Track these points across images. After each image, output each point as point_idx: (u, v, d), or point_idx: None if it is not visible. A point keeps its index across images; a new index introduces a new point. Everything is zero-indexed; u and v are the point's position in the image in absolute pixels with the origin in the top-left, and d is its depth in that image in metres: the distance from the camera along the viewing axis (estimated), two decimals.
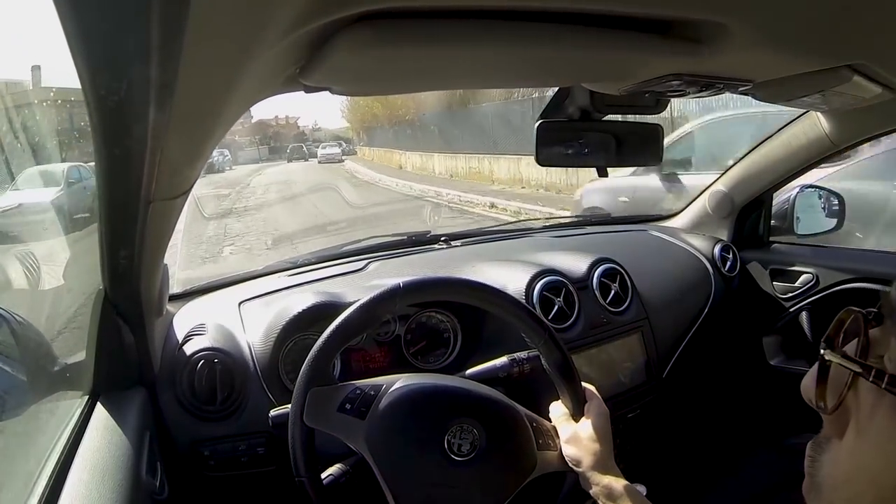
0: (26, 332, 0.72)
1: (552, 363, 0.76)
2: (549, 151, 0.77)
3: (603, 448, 0.72)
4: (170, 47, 0.30)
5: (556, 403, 0.79)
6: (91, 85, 0.33)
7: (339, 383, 0.69)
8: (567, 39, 0.44)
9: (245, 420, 0.86)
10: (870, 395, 0.28)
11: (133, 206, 0.53)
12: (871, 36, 0.51)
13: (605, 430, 0.74)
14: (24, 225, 4.34)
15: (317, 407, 0.66)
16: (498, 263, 1.16)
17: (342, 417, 0.66)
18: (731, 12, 0.41)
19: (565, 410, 0.77)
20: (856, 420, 0.29)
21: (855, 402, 0.29)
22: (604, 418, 0.75)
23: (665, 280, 1.34)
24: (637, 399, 1.15)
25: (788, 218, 1.48)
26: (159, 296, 0.82)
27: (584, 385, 0.78)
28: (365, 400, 0.67)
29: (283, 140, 43.54)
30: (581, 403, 0.76)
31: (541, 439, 0.73)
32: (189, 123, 0.43)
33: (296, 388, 0.67)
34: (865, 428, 0.28)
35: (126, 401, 0.74)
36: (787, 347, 1.47)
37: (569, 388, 0.76)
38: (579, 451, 0.72)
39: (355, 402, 0.67)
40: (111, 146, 0.42)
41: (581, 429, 0.74)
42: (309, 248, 4.65)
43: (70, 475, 0.59)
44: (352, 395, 0.68)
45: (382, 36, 0.39)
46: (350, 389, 0.68)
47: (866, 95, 0.73)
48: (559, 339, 0.76)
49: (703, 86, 0.60)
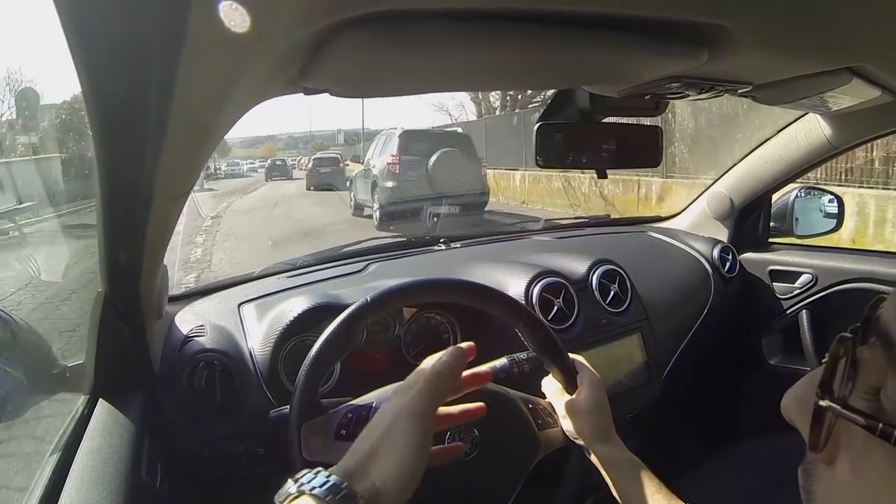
0: (26, 333, 0.71)
1: (536, 343, 0.75)
2: (549, 153, 0.77)
3: (601, 417, 0.71)
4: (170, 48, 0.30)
5: (547, 379, 0.77)
6: (91, 85, 0.33)
7: (329, 410, 0.68)
8: (567, 42, 0.44)
9: (244, 421, 0.86)
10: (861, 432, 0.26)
11: (133, 206, 0.53)
12: (870, 39, 0.51)
13: (599, 398, 0.72)
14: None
15: (313, 441, 0.65)
16: (498, 265, 1.17)
17: (341, 445, 0.65)
18: (731, 15, 0.42)
19: (558, 385, 0.76)
20: (848, 454, 0.27)
21: (846, 433, 0.27)
22: (597, 387, 0.73)
23: (665, 281, 1.34)
24: (637, 399, 1.15)
25: (787, 219, 1.49)
26: (159, 297, 0.82)
27: (572, 356, 0.77)
28: (359, 421, 0.66)
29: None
30: (572, 376, 0.75)
31: (539, 419, 0.73)
32: (189, 124, 0.43)
33: (288, 426, 0.66)
34: (860, 466, 0.26)
35: (126, 402, 0.74)
36: (787, 348, 1.47)
37: (557, 362, 0.75)
38: (577, 423, 0.71)
39: (350, 426, 0.66)
40: (111, 146, 0.42)
41: (576, 401, 0.73)
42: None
43: (70, 476, 0.59)
44: (345, 419, 0.67)
45: (382, 38, 0.39)
46: (342, 414, 0.67)
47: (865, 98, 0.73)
48: (539, 316, 0.75)
49: (702, 88, 0.60)
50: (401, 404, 0.51)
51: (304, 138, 50.89)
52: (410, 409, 0.50)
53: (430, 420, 0.51)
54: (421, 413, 0.50)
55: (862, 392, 0.26)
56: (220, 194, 15.35)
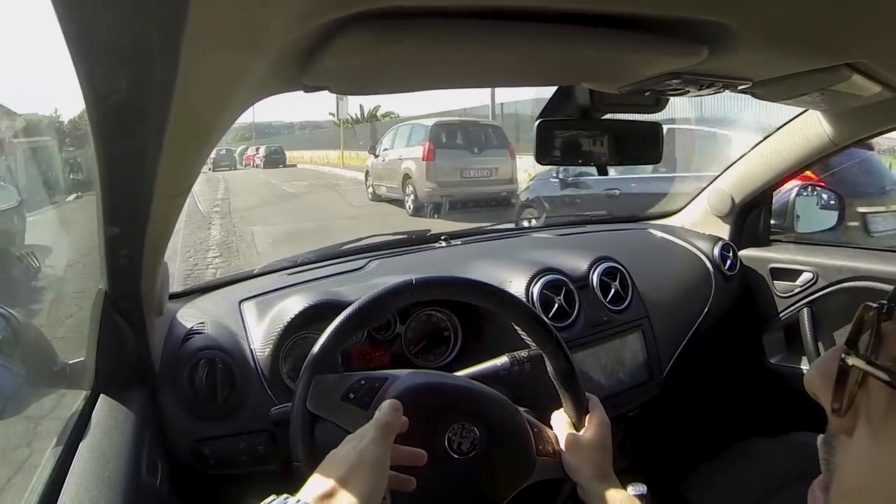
0: (26, 332, 0.72)
1: (557, 371, 0.77)
2: (549, 150, 0.77)
3: (603, 458, 0.73)
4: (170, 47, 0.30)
5: (558, 412, 0.79)
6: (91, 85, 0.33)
7: (344, 372, 0.70)
8: (568, 39, 0.44)
9: (245, 419, 0.86)
10: (882, 395, 0.26)
11: (133, 205, 0.53)
12: (870, 35, 0.51)
13: (605, 440, 0.75)
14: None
15: (320, 394, 0.66)
16: (498, 262, 1.17)
17: (345, 406, 0.66)
18: (731, 12, 0.41)
19: (567, 419, 0.77)
20: (867, 420, 0.27)
21: (866, 401, 0.27)
22: (605, 428, 0.75)
23: (665, 279, 1.34)
24: (637, 398, 1.15)
25: (788, 216, 1.49)
26: (159, 294, 0.82)
27: (587, 395, 0.79)
28: (370, 390, 0.67)
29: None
30: (583, 413, 0.77)
31: (540, 445, 0.74)
32: (189, 122, 0.43)
33: (301, 373, 0.68)
34: (880, 430, 0.26)
35: (126, 400, 0.74)
36: (787, 346, 1.47)
37: (572, 396, 0.77)
38: (579, 459, 0.73)
39: (359, 392, 0.67)
40: (111, 146, 0.42)
41: (582, 438, 0.74)
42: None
43: (70, 473, 0.59)
44: (356, 385, 0.68)
45: (382, 35, 0.39)
46: (355, 379, 0.68)
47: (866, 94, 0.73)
48: (566, 347, 0.76)
49: (702, 84, 0.60)
50: (364, 443, 0.55)
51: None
52: (374, 449, 0.54)
53: (386, 458, 0.55)
54: (382, 453, 0.55)
55: (886, 359, 0.27)
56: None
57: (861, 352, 0.27)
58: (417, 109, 44.45)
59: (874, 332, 0.27)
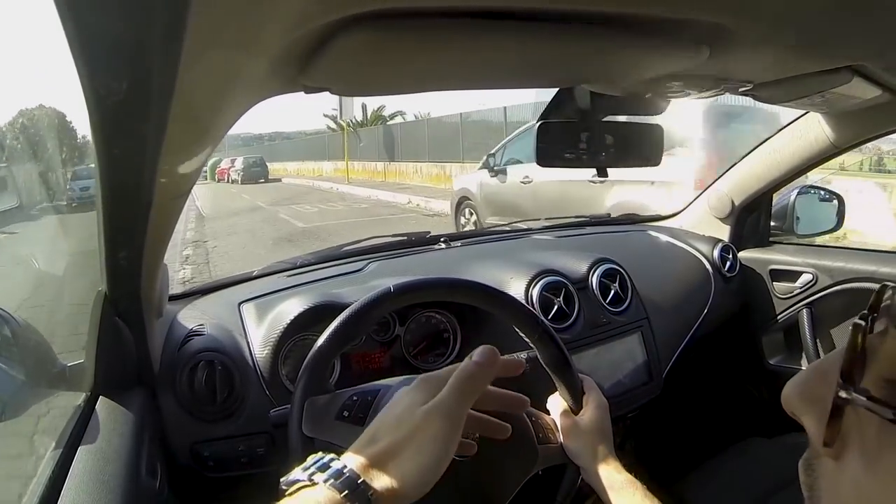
0: (26, 333, 0.71)
1: (548, 357, 0.76)
2: (549, 152, 0.77)
3: (603, 440, 0.72)
4: (170, 47, 0.30)
5: (554, 396, 0.78)
6: (91, 85, 0.33)
7: (335, 391, 0.69)
8: (568, 40, 0.44)
9: (245, 420, 0.86)
10: (874, 422, 0.24)
11: (133, 206, 0.53)
12: (871, 37, 0.51)
13: (604, 422, 0.74)
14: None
15: (314, 417, 0.66)
16: (498, 263, 1.17)
17: (341, 425, 0.65)
18: (732, 14, 0.41)
19: (563, 404, 0.76)
20: (860, 450, 0.25)
21: (857, 428, 0.25)
22: (602, 410, 0.75)
23: (665, 280, 1.34)
24: (637, 399, 1.15)
25: (788, 218, 1.49)
26: (159, 296, 0.82)
27: (582, 377, 0.78)
28: (363, 405, 0.67)
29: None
30: (579, 396, 0.76)
31: (541, 433, 0.73)
32: (189, 124, 0.43)
33: (293, 398, 0.67)
34: (873, 458, 0.24)
35: (126, 401, 0.74)
36: (787, 347, 1.47)
37: (566, 381, 0.76)
38: (579, 443, 0.72)
39: (353, 409, 0.66)
40: (111, 146, 0.42)
41: (580, 421, 0.73)
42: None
43: (69, 476, 0.59)
44: (349, 402, 0.67)
45: (383, 36, 0.39)
46: (347, 396, 0.68)
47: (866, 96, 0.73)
48: (554, 332, 0.76)
49: (703, 86, 0.60)
50: (434, 402, 0.45)
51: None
52: (447, 410, 0.45)
53: (462, 424, 0.46)
54: (458, 416, 0.45)
55: (873, 379, 0.25)
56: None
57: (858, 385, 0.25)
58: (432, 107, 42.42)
59: (860, 349, 0.26)
